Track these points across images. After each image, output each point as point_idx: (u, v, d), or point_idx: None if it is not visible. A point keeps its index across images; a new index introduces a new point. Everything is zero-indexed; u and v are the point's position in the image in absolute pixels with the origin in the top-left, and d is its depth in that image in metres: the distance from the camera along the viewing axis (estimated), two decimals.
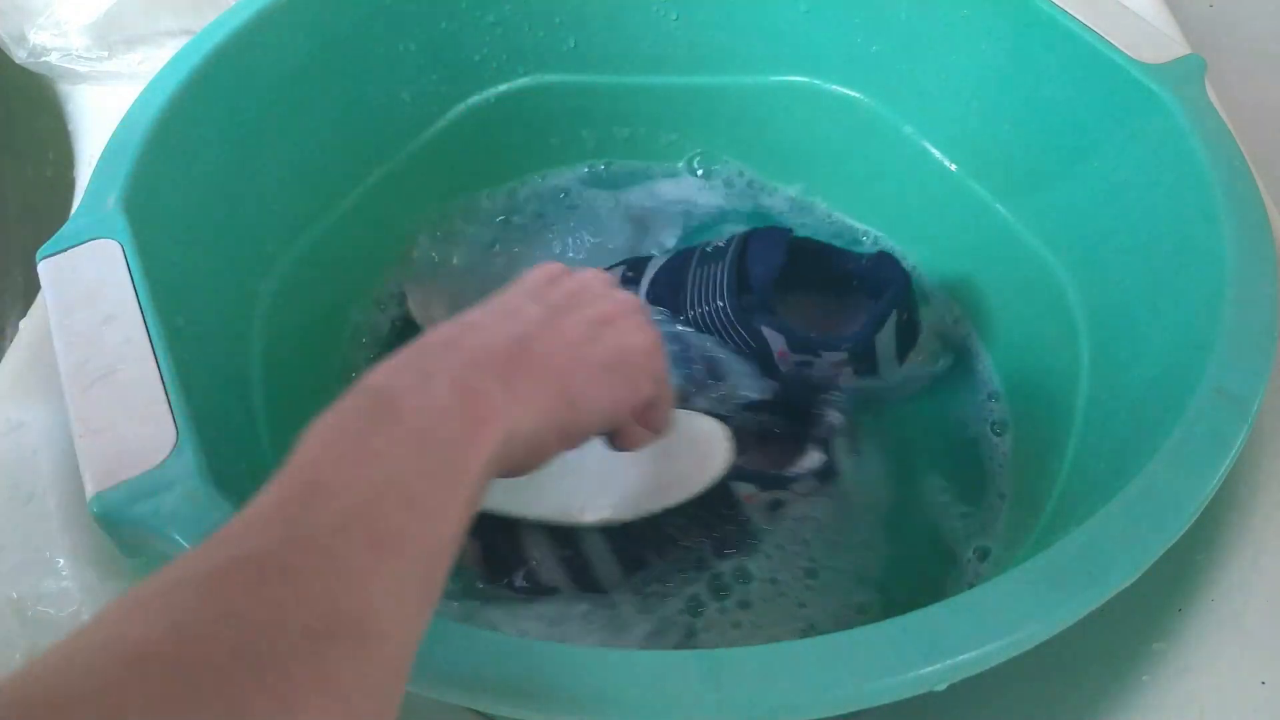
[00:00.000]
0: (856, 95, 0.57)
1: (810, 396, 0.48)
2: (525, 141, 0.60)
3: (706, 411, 0.47)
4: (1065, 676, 0.37)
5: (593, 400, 0.33)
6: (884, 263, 0.53)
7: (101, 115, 0.58)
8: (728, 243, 0.51)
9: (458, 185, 0.60)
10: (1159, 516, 0.31)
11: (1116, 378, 0.43)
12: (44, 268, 0.37)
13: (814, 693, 0.27)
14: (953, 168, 0.54)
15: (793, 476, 0.46)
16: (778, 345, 0.50)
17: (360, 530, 0.23)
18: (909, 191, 0.57)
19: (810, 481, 0.47)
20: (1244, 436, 0.33)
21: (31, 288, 0.43)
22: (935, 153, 0.55)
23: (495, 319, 0.33)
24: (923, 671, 0.28)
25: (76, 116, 0.58)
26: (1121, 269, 0.45)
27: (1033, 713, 0.37)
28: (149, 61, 0.59)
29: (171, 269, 0.39)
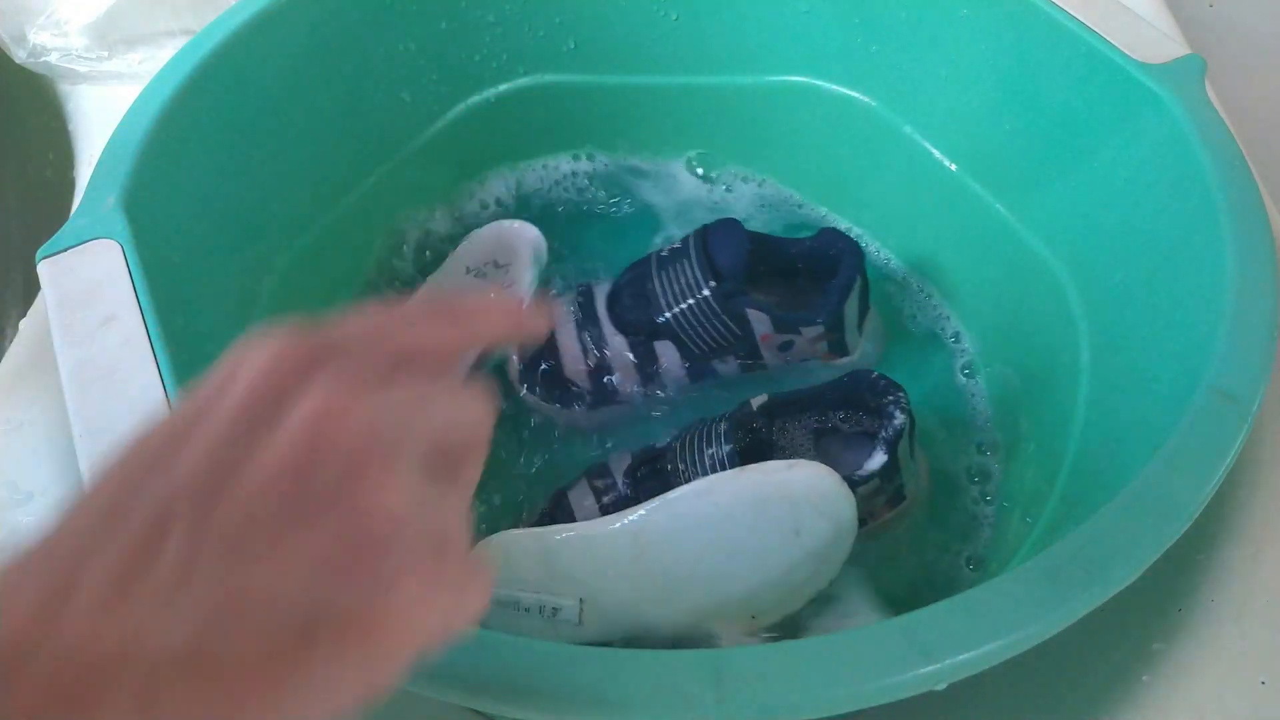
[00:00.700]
0: (856, 95, 0.57)
1: (877, 396, 0.47)
2: (526, 142, 0.60)
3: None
4: (1065, 676, 0.37)
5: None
6: (830, 236, 0.53)
7: (101, 115, 0.58)
8: (684, 242, 0.51)
9: (457, 185, 0.60)
10: (1159, 516, 0.31)
11: (1116, 378, 0.43)
12: (44, 268, 0.37)
13: (814, 693, 0.27)
14: (952, 167, 0.54)
15: (859, 480, 0.44)
16: (762, 328, 0.50)
17: None
18: (909, 191, 0.57)
19: (874, 483, 0.45)
20: (1244, 437, 0.33)
21: (31, 288, 0.44)
22: (935, 152, 0.55)
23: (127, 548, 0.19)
24: (923, 671, 0.28)
25: (76, 116, 0.58)
26: (1121, 269, 0.45)
27: (1033, 713, 0.37)
28: (149, 61, 0.59)
29: (171, 269, 0.39)
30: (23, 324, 0.46)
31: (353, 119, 0.52)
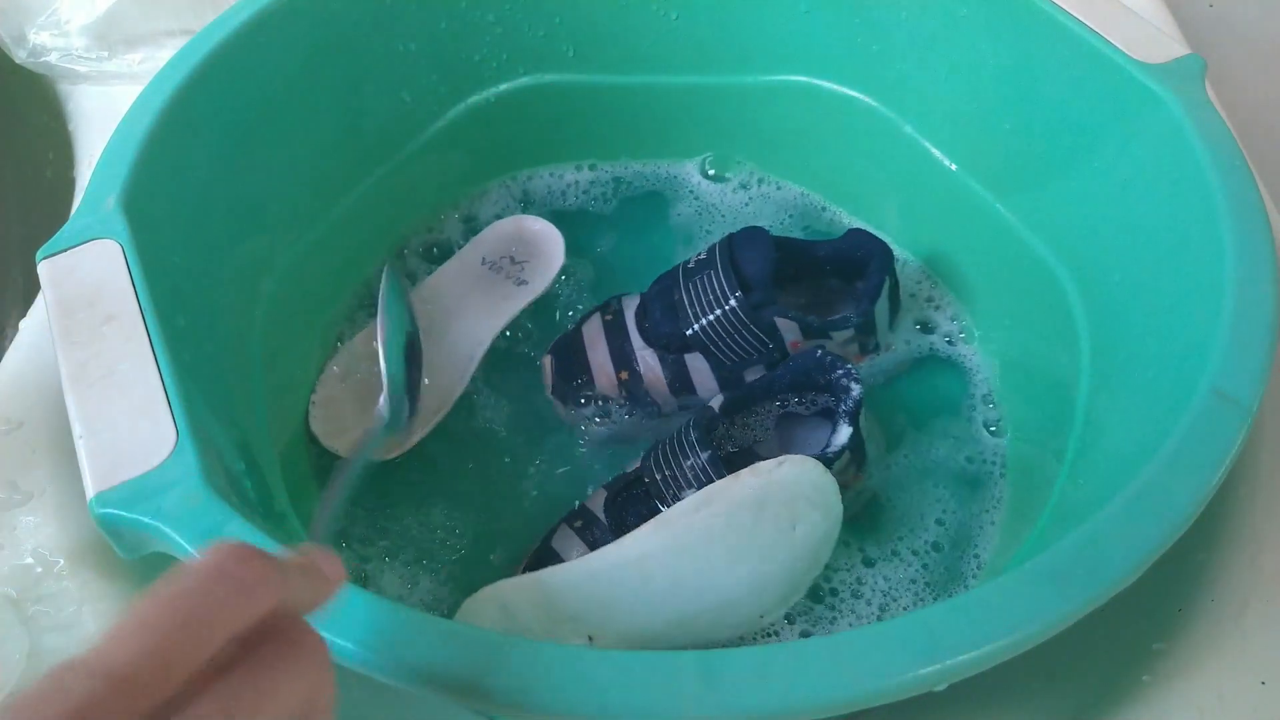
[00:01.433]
0: (857, 95, 0.57)
1: (826, 373, 0.47)
2: (526, 141, 0.60)
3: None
4: (1065, 676, 0.37)
5: None
6: (859, 237, 0.53)
7: (101, 115, 0.58)
8: (710, 252, 0.51)
9: (457, 185, 0.60)
10: (1159, 516, 0.31)
11: (1116, 378, 0.43)
12: (44, 268, 0.37)
13: (813, 693, 0.27)
14: (953, 167, 0.54)
15: (832, 456, 0.45)
16: (790, 335, 0.50)
17: None
18: (909, 191, 0.57)
19: (845, 456, 0.45)
20: (1243, 437, 0.33)
21: (31, 288, 0.44)
22: (935, 152, 0.55)
23: None
24: (923, 671, 0.28)
25: (76, 116, 0.58)
26: (1121, 269, 0.45)
27: (1033, 713, 0.37)
28: (149, 61, 0.59)
29: (171, 269, 0.39)
30: (23, 324, 0.46)
31: (353, 119, 0.52)
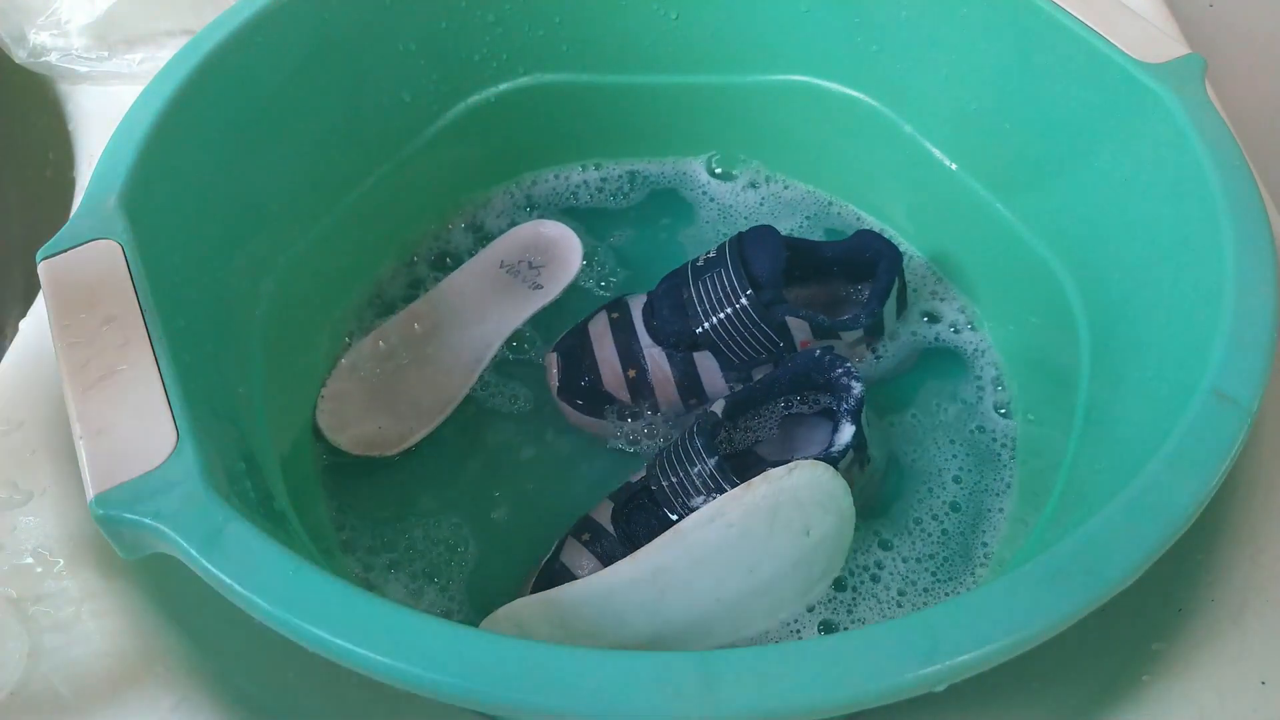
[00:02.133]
0: (857, 94, 0.57)
1: (826, 372, 0.47)
2: (526, 141, 0.60)
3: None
4: (1065, 676, 0.37)
5: None
6: (867, 238, 0.53)
7: (101, 115, 0.58)
8: (719, 251, 0.51)
9: (458, 185, 0.60)
10: (1159, 516, 0.31)
11: (1116, 378, 0.43)
12: (44, 268, 0.37)
13: (813, 693, 0.27)
14: (953, 167, 0.54)
15: (836, 455, 0.44)
16: (801, 335, 0.50)
17: None
18: (910, 190, 0.58)
19: (849, 455, 0.45)
20: (1243, 437, 0.33)
21: (31, 288, 0.44)
22: (935, 152, 0.55)
23: None
24: (923, 672, 0.28)
25: (76, 116, 0.58)
26: (1121, 269, 0.45)
27: (1033, 713, 0.37)
28: (149, 61, 0.59)
29: (171, 269, 0.39)
30: (23, 324, 0.46)
31: (353, 119, 0.52)
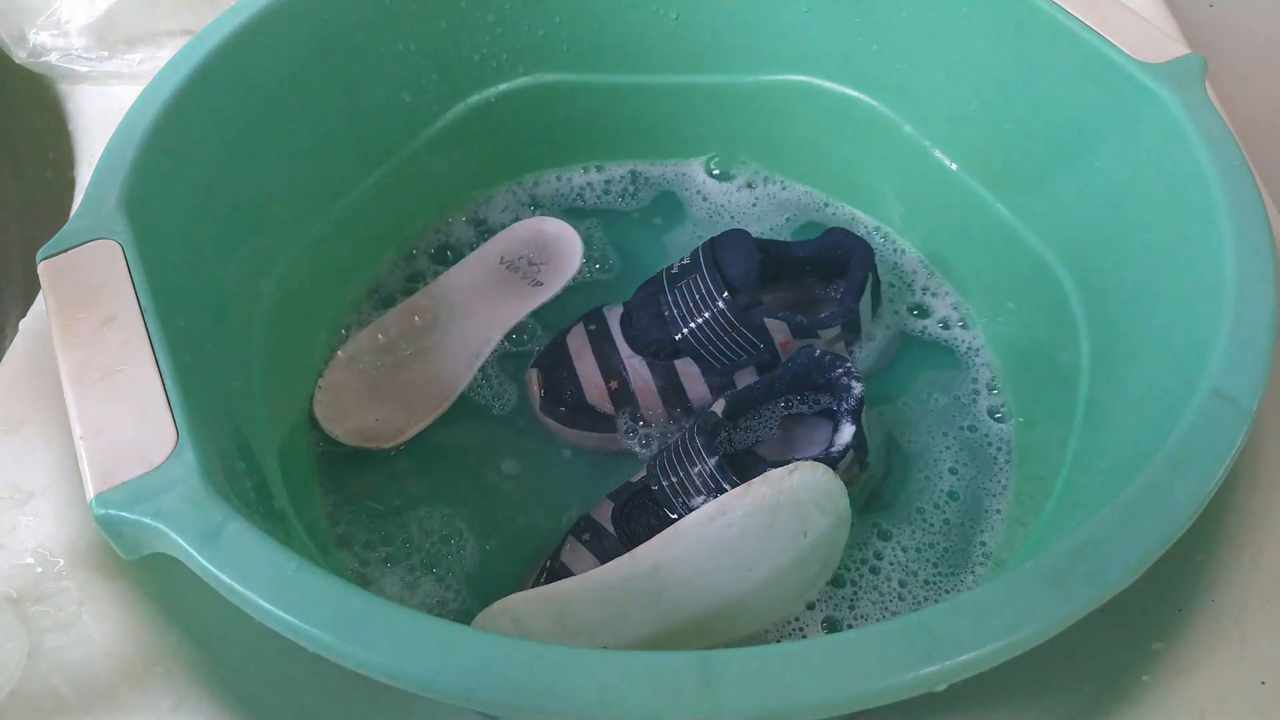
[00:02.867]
0: (857, 95, 0.57)
1: (826, 372, 0.47)
2: (526, 141, 0.60)
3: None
4: (1065, 676, 0.37)
5: None
6: (838, 236, 0.53)
7: (101, 115, 0.58)
8: (692, 258, 0.51)
9: (458, 185, 0.60)
10: (1159, 516, 0.31)
11: (1116, 378, 0.43)
12: (44, 268, 0.37)
13: (813, 693, 0.27)
14: (953, 167, 0.54)
15: (836, 455, 0.44)
16: (780, 336, 0.50)
17: None
18: (910, 190, 0.58)
19: (849, 455, 0.45)
20: (1243, 437, 0.33)
21: (31, 288, 0.44)
22: (936, 152, 0.55)
23: None
24: (923, 672, 0.28)
25: (76, 116, 0.58)
26: (1121, 269, 0.45)
27: (1033, 713, 0.37)
28: (149, 61, 0.59)
29: (171, 269, 0.39)
30: (23, 324, 0.46)
31: (353, 118, 0.52)
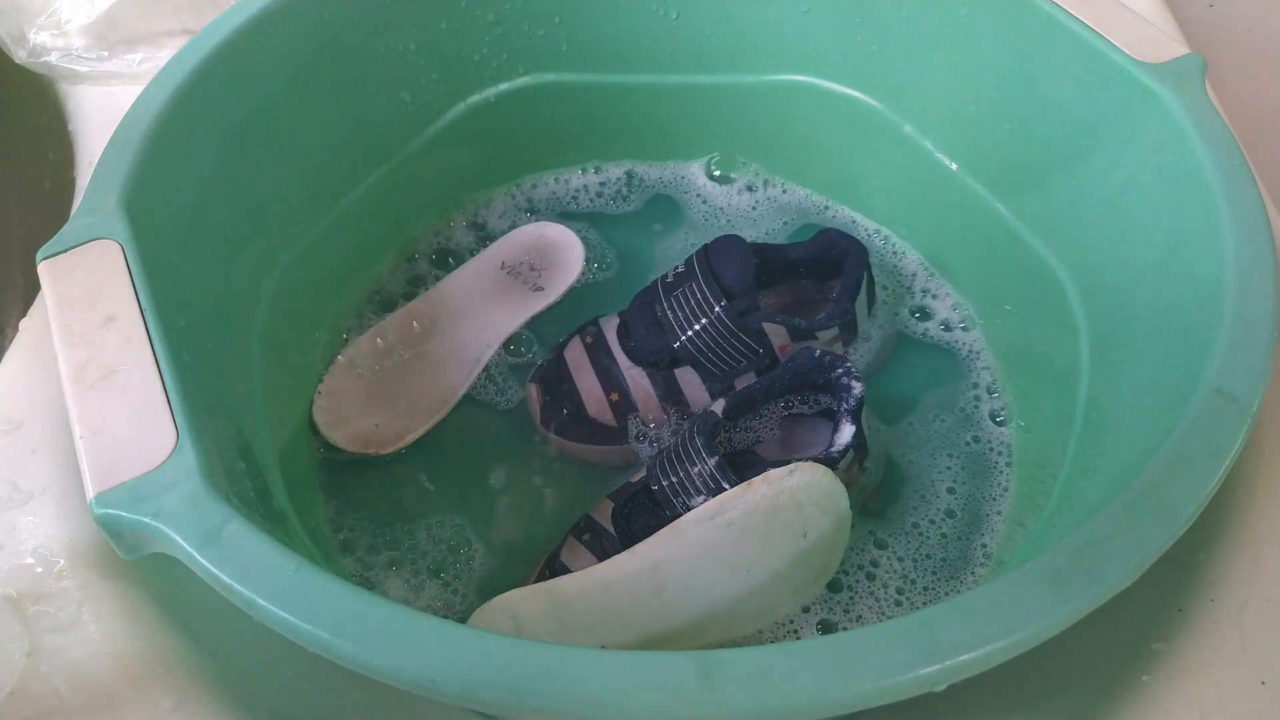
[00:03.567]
0: (857, 95, 0.57)
1: (826, 373, 0.47)
2: (526, 141, 0.60)
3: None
4: (1065, 676, 0.37)
5: None
6: (832, 236, 0.53)
7: (101, 115, 0.58)
8: (687, 264, 0.51)
9: (458, 185, 0.60)
10: (1159, 516, 0.31)
11: (1116, 378, 0.43)
12: (44, 268, 0.37)
13: (813, 693, 0.27)
14: (953, 167, 0.54)
15: (837, 455, 0.44)
16: (779, 339, 0.50)
17: None
18: (910, 191, 0.58)
19: (850, 455, 0.45)
20: (1243, 437, 0.33)
21: (31, 288, 0.44)
22: (936, 152, 0.55)
23: None
24: (923, 672, 0.28)
25: (76, 116, 0.58)
26: (1121, 269, 0.45)
27: (1033, 713, 0.37)
28: (149, 61, 0.59)
29: (171, 269, 0.39)
30: (23, 324, 0.46)
31: (353, 118, 0.52)
